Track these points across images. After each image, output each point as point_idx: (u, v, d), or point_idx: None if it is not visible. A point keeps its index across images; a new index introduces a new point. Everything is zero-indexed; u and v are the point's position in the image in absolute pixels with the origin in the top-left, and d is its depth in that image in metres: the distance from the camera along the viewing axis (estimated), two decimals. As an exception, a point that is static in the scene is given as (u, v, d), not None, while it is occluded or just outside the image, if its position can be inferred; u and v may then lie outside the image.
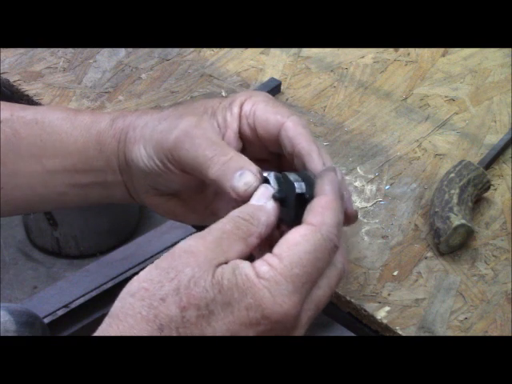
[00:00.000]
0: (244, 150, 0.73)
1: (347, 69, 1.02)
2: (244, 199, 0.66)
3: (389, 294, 0.77)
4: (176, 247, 0.61)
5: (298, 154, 0.69)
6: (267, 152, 0.75)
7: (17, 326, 1.02)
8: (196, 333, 0.58)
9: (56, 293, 1.70)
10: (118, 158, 0.76)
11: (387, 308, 0.76)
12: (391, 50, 1.05)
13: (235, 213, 0.63)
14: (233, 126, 0.73)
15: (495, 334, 0.75)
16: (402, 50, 1.05)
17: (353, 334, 0.78)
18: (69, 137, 0.78)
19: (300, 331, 0.61)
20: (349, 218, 0.69)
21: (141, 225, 2.12)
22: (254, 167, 0.68)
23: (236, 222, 0.62)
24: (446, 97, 0.99)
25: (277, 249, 0.61)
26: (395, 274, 0.79)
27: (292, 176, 0.67)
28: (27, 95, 0.96)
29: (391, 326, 0.75)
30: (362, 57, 1.04)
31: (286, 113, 0.72)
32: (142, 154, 0.73)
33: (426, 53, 1.05)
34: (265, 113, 0.72)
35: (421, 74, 1.02)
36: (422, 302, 0.77)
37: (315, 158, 0.69)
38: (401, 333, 0.74)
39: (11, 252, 2.10)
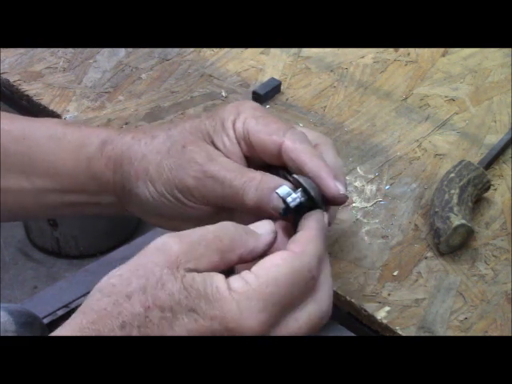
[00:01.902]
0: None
1: (347, 69, 1.02)
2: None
3: (389, 294, 0.77)
4: (151, 243, 0.60)
5: (307, 175, 0.69)
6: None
7: (16, 327, 1.01)
8: (157, 334, 0.57)
9: (56, 293, 1.70)
10: (114, 187, 0.75)
11: (387, 308, 0.76)
12: (391, 50, 1.05)
13: (227, 224, 0.63)
14: (235, 151, 0.72)
15: (495, 334, 0.75)
16: (401, 49, 1.05)
17: (353, 334, 0.78)
18: (57, 158, 0.76)
19: None
20: (335, 200, 0.69)
21: (141, 225, 2.12)
22: (286, 182, 0.68)
23: (220, 234, 0.61)
24: (446, 97, 0.99)
25: (255, 267, 0.60)
26: (395, 274, 0.79)
27: (284, 190, 0.67)
28: (27, 95, 0.96)
29: (391, 326, 0.75)
30: (362, 57, 1.04)
31: (280, 130, 0.70)
32: (150, 191, 0.72)
33: (426, 53, 1.05)
34: (258, 134, 0.71)
35: (421, 74, 1.02)
36: (422, 302, 0.77)
37: (327, 180, 0.68)
38: (401, 333, 0.74)
39: (11, 252, 2.10)
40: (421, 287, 0.78)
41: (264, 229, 0.65)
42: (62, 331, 0.59)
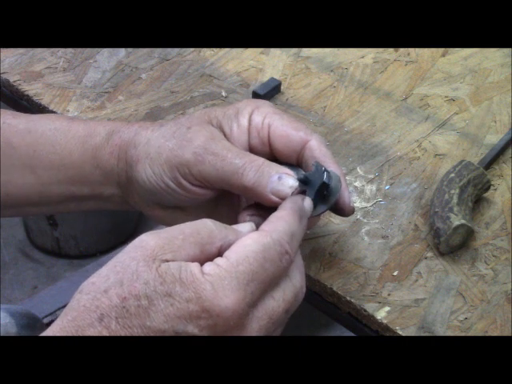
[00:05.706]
0: None
1: (347, 69, 1.02)
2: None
3: (389, 294, 0.77)
4: (131, 242, 0.61)
5: None
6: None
7: (18, 328, 1.01)
8: (135, 323, 0.58)
9: (56, 293, 1.70)
10: (118, 175, 0.75)
11: (387, 308, 0.76)
12: (391, 49, 1.05)
13: (206, 220, 0.63)
14: (241, 139, 0.72)
15: (495, 333, 0.75)
16: (401, 49, 1.05)
17: (353, 334, 0.78)
18: (63, 149, 0.77)
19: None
20: (343, 210, 0.73)
21: (141, 225, 2.12)
22: (288, 170, 0.69)
23: (198, 228, 0.62)
24: (446, 97, 0.99)
25: (226, 251, 0.61)
26: (395, 274, 0.79)
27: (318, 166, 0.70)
28: (27, 95, 0.96)
29: (391, 326, 0.75)
30: (362, 57, 1.04)
31: (308, 130, 0.73)
32: (147, 174, 0.72)
33: (425, 53, 1.05)
34: (283, 128, 0.72)
35: (421, 74, 1.02)
36: (422, 302, 0.77)
37: (343, 189, 0.71)
38: (401, 333, 0.74)
39: (11, 252, 2.10)
40: (421, 287, 0.78)
41: (245, 227, 0.65)
42: (45, 334, 0.59)
